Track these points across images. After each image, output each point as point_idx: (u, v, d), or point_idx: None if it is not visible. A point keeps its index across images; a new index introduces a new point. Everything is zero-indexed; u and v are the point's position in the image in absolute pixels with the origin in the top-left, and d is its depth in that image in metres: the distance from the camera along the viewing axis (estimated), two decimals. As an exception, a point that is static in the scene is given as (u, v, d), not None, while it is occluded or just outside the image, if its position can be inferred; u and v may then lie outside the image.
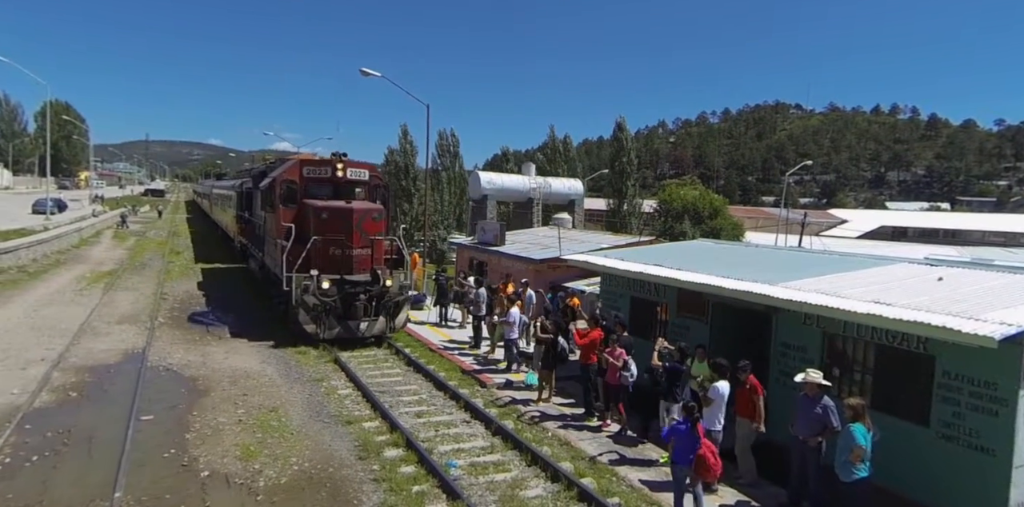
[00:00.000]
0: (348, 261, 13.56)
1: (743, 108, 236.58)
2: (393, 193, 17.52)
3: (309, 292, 12.92)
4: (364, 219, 13.87)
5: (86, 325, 14.75)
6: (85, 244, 31.79)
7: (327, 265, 13.34)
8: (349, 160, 15.03)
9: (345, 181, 14.81)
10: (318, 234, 13.39)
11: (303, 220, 13.79)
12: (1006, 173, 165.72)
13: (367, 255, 13.96)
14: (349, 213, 13.67)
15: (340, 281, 13.31)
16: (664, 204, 46.45)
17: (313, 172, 14.60)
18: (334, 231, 13.49)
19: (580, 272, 23.83)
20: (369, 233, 13.99)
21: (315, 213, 13.61)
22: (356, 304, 13.36)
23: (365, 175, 15.26)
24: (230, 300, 19.10)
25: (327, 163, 14.83)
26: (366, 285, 13.57)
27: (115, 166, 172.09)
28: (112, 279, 21.38)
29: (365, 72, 25.07)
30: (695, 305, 11.25)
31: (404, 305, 14.44)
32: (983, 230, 60.97)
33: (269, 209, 15.04)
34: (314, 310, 13.05)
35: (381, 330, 13.93)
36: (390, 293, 13.75)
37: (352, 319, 13.45)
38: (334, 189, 14.70)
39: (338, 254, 13.55)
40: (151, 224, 49.43)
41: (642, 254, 13.57)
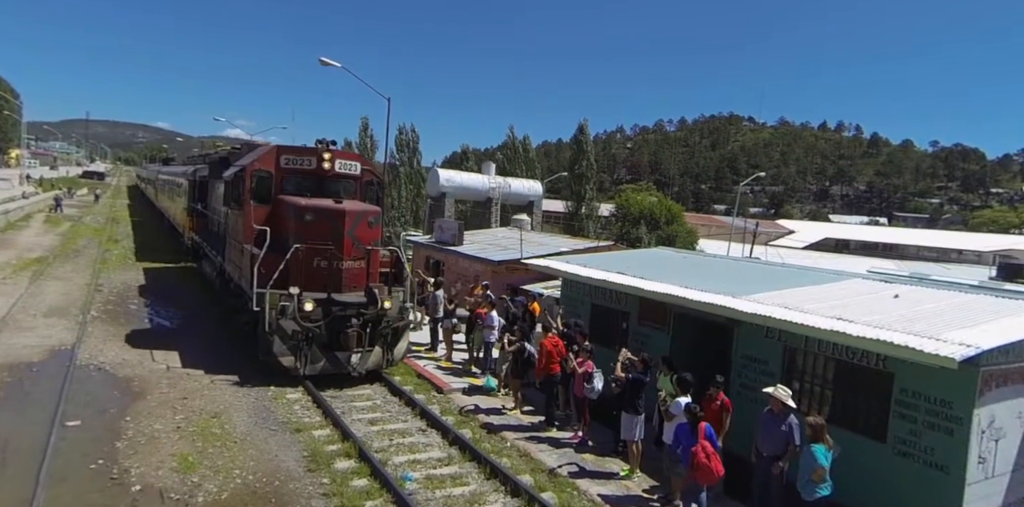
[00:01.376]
0: (337, 276, 11.00)
1: (699, 118, 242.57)
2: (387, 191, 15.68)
3: (287, 315, 10.31)
4: (358, 223, 11.31)
5: (8, 317, 13.64)
6: (12, 228, 29.72)
7: (310, 280, 10.77)
8: (338, 150, 12.71)
9: (332, 175, 12.33)
10: (299, 240, 10.83)
11: (279, 222, 11.34)
12: (938, 192, 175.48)
13: (360, 269, 11.39)
14: (340, 215, 11.08)
15: (327, 301, 10.72)
16: (622, 209, 47.00)
17: (293, 162, 12.07)
18: (320, 237, 10.91)
19: (538, 275, 23.62)
20: (364, 241, 11.43)
21: (296, 213, 11.09)
22: (347, 331, 10.68)
23: (356, 168, 12.78)
24: (173, 293, 18.09)
25: (310, 152, 12.30)
26: (359, 307, 10.93)
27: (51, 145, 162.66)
28: (41, 267, 19.97)
29: (324, 62, 24.27)
30: (657, 314, 11.19)
31: (404, 332, 11.75)
32: (918, 245, 64.20)
33: (235, 205, 12.56)
34: (293, 338, 10.39)
35: (376, 364, 11.25)
36: (388, 317, 11.14)
37: (341, 350, 10.80)
38: (317, 184, 12.23)
39: (325, 267, 10.97)
40: (88, 209, 46.72)
41: (604, 261, 13.46)
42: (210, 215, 19.10)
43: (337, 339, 10.77)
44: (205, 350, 12.54)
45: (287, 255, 10.67)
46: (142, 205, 52.72)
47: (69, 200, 50.06)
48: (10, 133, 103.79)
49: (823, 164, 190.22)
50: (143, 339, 13.10)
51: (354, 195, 12.68)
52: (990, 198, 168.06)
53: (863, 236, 71.54)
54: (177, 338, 13.35)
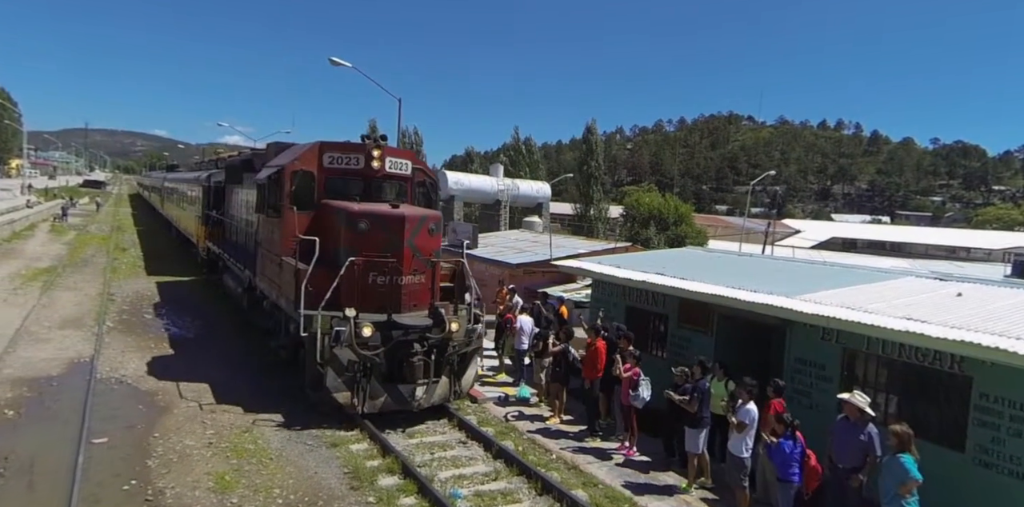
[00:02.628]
0: (396, 294, 9.55)
1: (698, 117, 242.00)
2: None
3: (342, 342, 8.79)
4: (419, 231, 9.87)
5: (23, 330, 13.23)
6: (18, 238, 29.34)
7: (365, 299, 9.25)
8: (389, 146, 11.20)
9: (383, 175, 10.97)
10: (353, 252, 9.36)
11: (323, 230, 9.88)
12: (940, 190, 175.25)
13: (420, 284, 9.97)
14: (399, 222, 9.62)
15: (386, 324, 9.23)
16: (630, 210, 46.62)
17: (338, 161, 10.64)
18: (376, 248, 9.49)
19: (556, 277, 23.30)
20: (424, 252, 10.00)
21: (348, 221, 9.64)
22: (412, 360, 9.07)
23: (407, 167, 11.29)
24: (186, 300, 17.70)
25: (358, 149, 10.77)
26: (424, 331, 9.43)
27: (50, 155, 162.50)
28: (51, 277, 19.57)
29: (335, 62, 23.88)
30: (698, 316, 10.79)
31: (473, 359, 10.19)
32: (926, 243, 63.78)
33: (271, 212, 10.98)
34: (349, 370, 8.91)
35: (443, 397, 9.69)
36: (455, 341, 9.63)
37: (404, 382, 9.18)
38: (365, 186, 10.82)
39: (382, 283, 9.51)
40: (91, 218, 46.38)
41: (637, 261, 13.08)
42: (228, 222, 18.57)
43: (399, 369, 9.18)
44: (226, 360, 12.12)
45: (339, 270, 9.15)
46: (146, 213, 52.36)
47: (72, 209, 49.73)
48: (10, 143, 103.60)
49: (824, 163, 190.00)
50: (162, 350, 12.69)
51: (405, 197, 11.29)
52: (992, 195, 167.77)
53: (870, 235, 71.13)
54: (196, 347, 12.95)
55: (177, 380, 10.70)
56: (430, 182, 12.08)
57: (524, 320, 11.86)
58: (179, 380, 10.70)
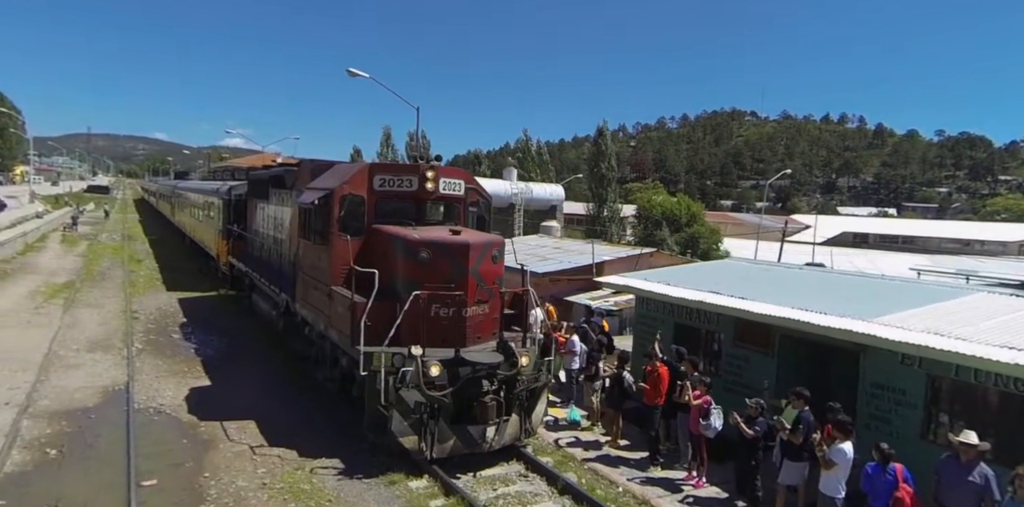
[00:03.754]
0: (460, 327, 8.92)
1: (701, 114, 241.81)
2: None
3: (408, 383, 8.29)
4: (483, 259, 9.29)
5: (51, 354, 12.86)
6: (31, 250, 29.00)
7: (428, 334, 8.71)
8: (442, 166, 10.72)
9: (436, 197, 10.51)
10: (413, 284, 8.82)
11: (377, 259, 9.44)
12: (946, 181, 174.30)
13: (484, 315, 9.39)
14: (463, 251, 9.04)
15: (454, 362, 8.68)
16: (643, 211, 46.15)
17: (389, 183, 10.09)
18: (439, 279, 8.89)
19: (581, 285, 22.91)
20: (488, 281, 9.40)
21: (407, 250, 9.12)
22: (484, 401, 8.50)
23: (460, 187, 10.77)
24: (212, 318, 17.32)
25: (410, 170, 10.23)
26: (493, 368, 8.79)
27: (53, 160, 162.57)
28: (71, 293, 19.21)
29: (352, 72, 23.54)
30: (757, 335, 10.35)
31: (542, 394, 9.55)
32: (939, 237, 63.18)
33: (318, 239, 10.37)
34: (416, 412, 8.32)
35: (514, 436, 9.02)
36: (523, 376, 9.01)
37: (474, 423, 8.60)
38: (417, 209, 10.29)
39: (445, 316, 8.89)
40: (100, 225, 46.03)
41: (683, 277, 12.64)
42: (253, 239, 18.18)
43: (467, 409, 8.57)
44: (262, 383, 11.74)
45: (398, 303, 8.61)
46: (154, 221, 52.02)
47: (81, 217, 49.43)
48: (14, 150, 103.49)
49: (828, 156, 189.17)
50: (196, 374, 12.32)
51: (458, 220, 10.83)
52: (999, 186, 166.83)
53: (881, 229, 70.55)
54: (229, 370, 12.57)
55: (217, 410, 10.30)
56: (483, 202, 11.49)
57: (575, 340, 11.47)
58: (219, 410, 10.31)
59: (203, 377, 12.12)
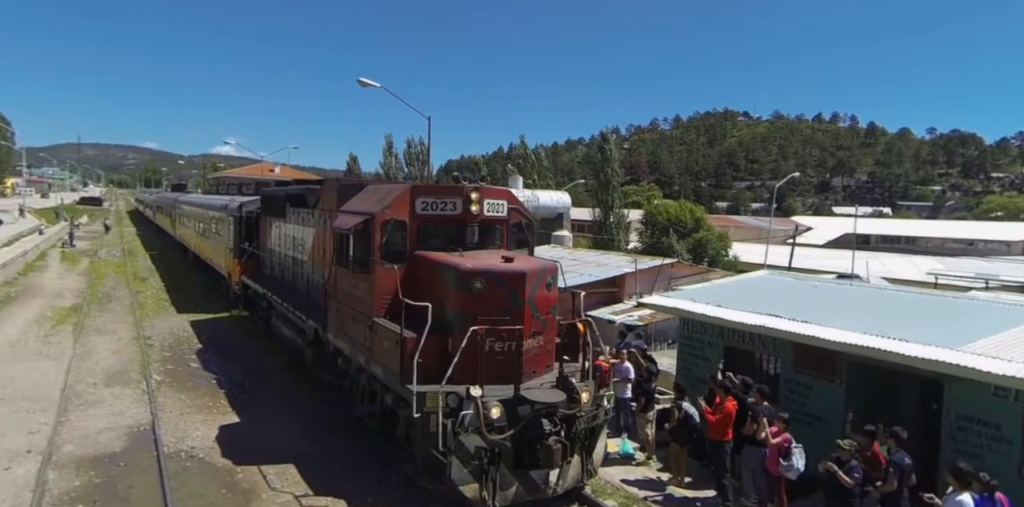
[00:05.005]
0: (516, 362, 8.26)
1: (694, 115, 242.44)
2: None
3: (467, 427, 7.72)
4: (537, 288, 8.74)
5: (68, 390, 12.21)
6: (32, 270, 28.22)
7: (487, 371, 8.10)
8: (487, 186, 10.21)
9: (481, 219, 9.96)
10: (466, 317, 8.28)
11: (422, 288, 8.91)
12: (940, 179, 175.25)
13: (539, 347, 8.87)
14: (519, 281, 8.47)
15: (513, 401, 8.07)
16: (650, 217, 45.75)
17: (432, 207, 9.55)
18: (494, 311, 8.30)
19: (600, 298, 22.40)
20: (543, 311, 8.91)
21: (459, 281, 8.48)
22: (548, 444, 7.80)
23: (504, 208, 10.24)
24: (229, 344, 16.70)
25: (454, 193, 9.63)
26: (553, 407, 8.12)
27: (43, 171, 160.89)
28: (79, 318, 18.52)
29: (363, 82, 23.01)
30: (820, 361, 9.83)
31: (602, 431, 8.97)
32: (942, 237, 63.12)
33: (357, 267, 9.73)
34: (476, 458, 7.70)
35: (576, 478, 8.47)
36: (583, 413, 8.41)
37: (536, 466, 7.99)
38: (459, 232, 9.75)
39: (500, 350, 8.27)
40: (99, 240, 45.18)
41: (730, 296, 12.12)
42: (269, 259, 17.58)
43: (529, 452, 7.91)
44: (293, 418, 11.15)
45: (449, 337, 8.21)
46: (152, 233, 51.24)
47: (77, 231, 48.53)
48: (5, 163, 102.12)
49: (822, 156, 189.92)
50: (221, 409, 11.71)
51: (501, 242, 10.32)
52: (992, 183, 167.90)
53: (883, 230, 70.49)
54: (256, 403, 11.97)
55: (252, 452, 9.70)
56: (526, 223, 10.94)
57: (628, 366, 10.95)
58: (255, 452, 9.71)
59: (230, 413, 11.51)
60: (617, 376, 10.77)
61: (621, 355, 11.26)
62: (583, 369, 9.15)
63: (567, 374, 8.63)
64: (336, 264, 10.62)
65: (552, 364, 9.26)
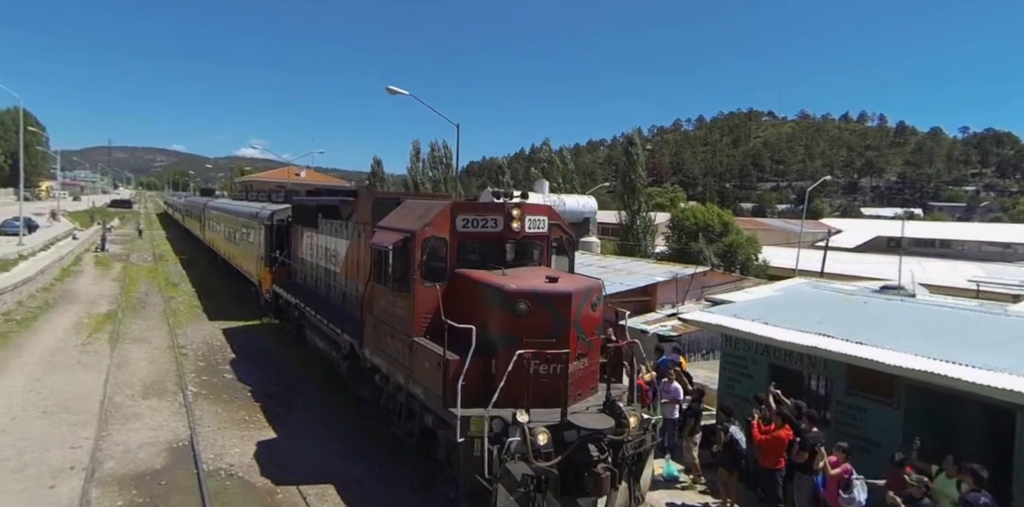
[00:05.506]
0: (562, 385, 8.01)
1: (717, 115, 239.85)
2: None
3: (512, 454, 7.45)
4: (583, 308, 8.49)
5: (107, 402, 12.28)
6: (68, 275, 28.73)
7: (533, 395, 7.80)
8: (528, 203, 9.92)
9: (522, 236, 9.76)
10: (509, 339, 8.11)
11: (462, 307, 8.75)
12: (972, 179, 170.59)
13: (584, 369, 8.62)
14: (564, 302, 8.23)
15: (560, 426, 7.82)
16: (677, 221, 45.13)
17: (472, 224, 9.40)
18: (538, 333, 8.07)
19: (632, 307, 22.00)
20: (588, 332, 8.62)
21: (504, 302, 8.26)
22: (596, 472, 7.45)
23: (544, 224, 10.06)
24: (261, 353, 16.74)
25: (495, 210, 9.46)
26: (600, 433, 7.80)
27: (76, 174, 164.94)
28: (114, 326, 18.73)
29: (392, 90, 23.01)
30: (876, 383, 9.41)
31: (649, 456, 8.58)
32: (978, 240, 61.31)
33: (396, 285, 9.59)
34: (522, 485, 7.38)
35: (623, 506, 8.18)
36: (632, 438, 8.10)
37: (583, 494, 7.66)
38: (499, 250, 9.62)
39: (546, 373, 8.00)
40: (130, 244, 45.99)
41: (774, 311, 11.73)
42: (300, 269, 17.61)
43: (575, 479, 7.61)
44: (331, 435, 11.05)
45: (497, 361, 8.02)
46: (181, 237, 52.02)
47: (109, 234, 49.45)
48: (40, 166, 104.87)
49: (850, 156, 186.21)
50: (257, 423, 11.66)
51: (541, 259, 10.17)
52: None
53: (916, 233, 68.62)
54: (291, 417, 11.91)
55: (291, 471, 9.61)
56: (566, 239, 10.74)
57: (676, 388, 10.64)
58: (293, 471, 9.61)
59: (267, 428, 11.45)
60: (665, 397, 10.47)
61: (670, 374, 10.93)
62: (629, 391, 8.90)
63: (614, 398, 8.38)
64: (374, 281, 10.49)
65: (597, 386, 9.07)
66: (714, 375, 17.52)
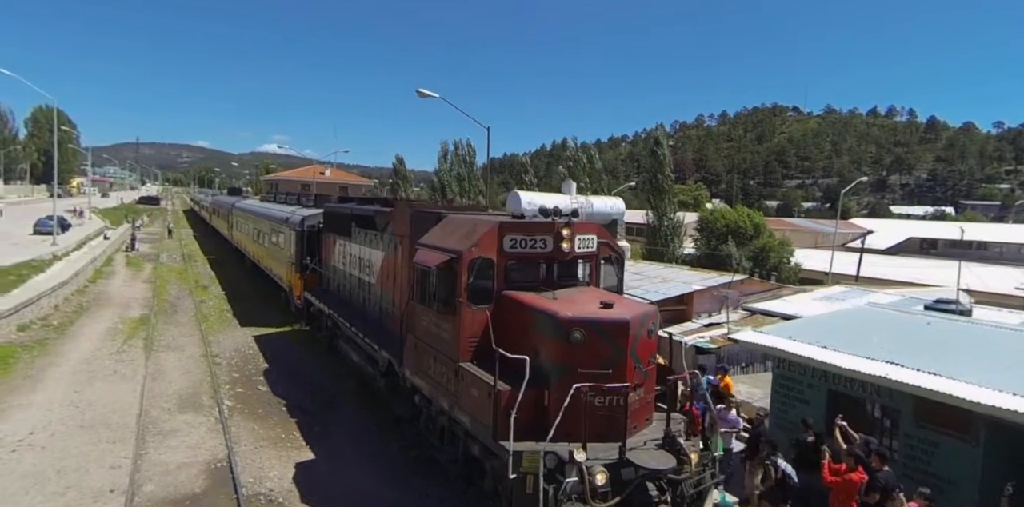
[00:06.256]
0: (619, 419, 7.58)
1: (741, 111, 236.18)
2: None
3: (569, 494, 7.13)
4: (640, 336, 8.03)
5: (144, 416, 12.18)
6: (100, 276, 29.00)
7: (589, 429, 7.38)
8: (578, 222, 9.49)
9: (573, 257, 9.40)
10: (563, 369, 7.73)
11: (514, 335, 8.34)
12: (1007, 176, 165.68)
13: (640, 400, 8.21)
14: (622, 331, 7.80)
15: (619, 464, 7.49)
16: (707, 223, 44.33)
17: (520, 244, 8.99)
18: (594, 364, 7.67)
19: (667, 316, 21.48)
20: (644, 361, 8.20)
21: (557, 330, 7.84)
22: None
23: (593, 243, 9.70)
24: (292, 359, 16.69)
25: (544, 229, 9.06)
26: (659, 473, 7.53)
27: (105, 171, 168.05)
28: (148, 331, 18.74)
29: (422, 93, 22.71)
30: (949, 416, 8.85)
31: (708, 495, 8.22)
32: (1017, 242, 59.33)
33: (441, 307, 9.15)
34: None
35: None
36: (692, 476, 7.82)
37: None
38: (548, 270, 9.27)
39: (602, 405, 7.60)
40: (159, 244, 46.48)
41: (829, 332, 11.16)
42: (327, 275, 17.44)
43: None
44: (370, 456, 10.81)
45: (551, 391, 7.65)
46: (209, 237, 52.49)
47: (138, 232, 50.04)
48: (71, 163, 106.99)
49: (879, 153, 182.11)
50: (295, 443, 11.45)
51: (590, 279, 9.82)
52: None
53: (951, 234, 66.64)
54: (331, 436, 11.68)
55: (331, 497, 9.39)
56: (616, 257, 10.35)
57: (735, 418, 10.18)
58: (334, 497, 9.39)
59: (304, 448, 11.23)
60: (724, 426, 9.97)
61: (730, 404, 10.43)
62: (689, 425, 8.48)
63: (674, 434, 7.97)
64: (417, 301, 10.14)
65: (651, 416, 8.67)
66: (755, 390, 17.03)
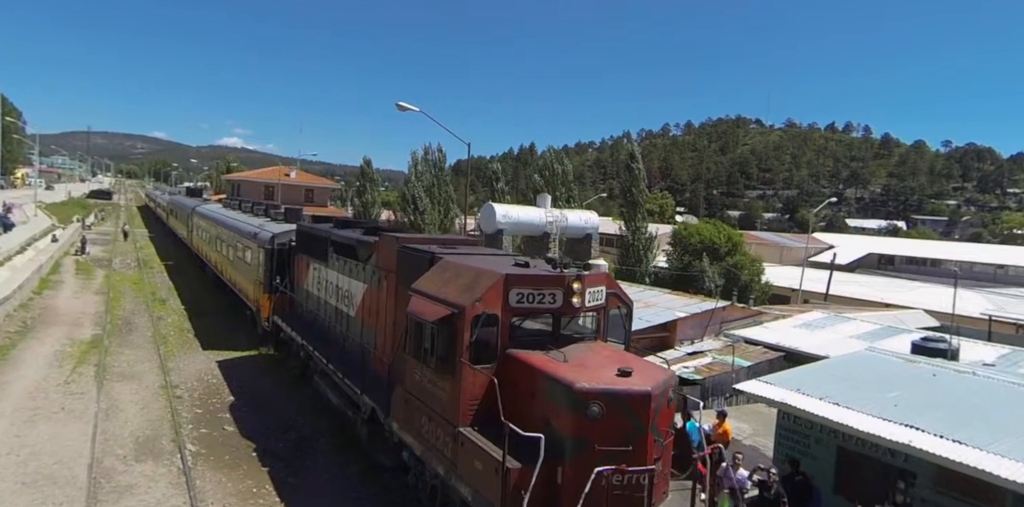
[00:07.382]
0: (639, 500, 7.07)
1: (706, 121, 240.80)
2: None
3: None
4: (660, 408, 7.58)
5: (96, 466, 10.95)
6: (47, 286, 26.98)
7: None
8: (588, 274, 8.82)
9: (582, 310, 8.83)
10: (578, 444, 7.18)
11: (520, 400, 7.78)
12: (954, 193, 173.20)
13: (660, 475, 7.68)
14: (643, 404, 7.29)
15: None
16: (680, 239, 44.38)
17: (528, 299, 8.34)
18: (612, 440, 7.13)
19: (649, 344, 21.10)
20: (664, 434, 7.80)
21: (570, 401, 7.25)
22: None
23: (602, 295, 9.11)
24: (260, 390, 15.66)
25: (553, 283, 8.43)
26: None
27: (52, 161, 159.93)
28: (100, 356, 17.27)
29: (402, 106, 21.87)
30: (972, 484, 8.55)
31: None
32: (971, 261, 61.58)
33: (439, 364, 8.44)
34: None
35: None
36: None
37: None
38: (555, 325, 8.80)
39: (620, 484, 6.99)
40: (112, 246, 43.90)
41: (834, 384, 10.81)
42: (299, 300, 16.43)
43: None
44: None
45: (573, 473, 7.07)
46: (165, 238, 50.07)
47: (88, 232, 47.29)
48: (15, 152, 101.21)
49: (836, 167, 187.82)
50: (267, 496, 10.49)
51: (598, 333, 9.27)
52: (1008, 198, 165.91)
53: (908, 251, 68.91)
54: (306, 484, 10.74)
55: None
56: (625, 310, 9.79)
57: (743, 478, 9.67)
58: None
59: (278, 504, 10.25)
60: (728, 484, 9.49)
61: (738, 460, 9.92)
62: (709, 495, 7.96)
63: None
64: (410, 355, 9.30)
65: (668, 489, 8.10)
66: (743, 425, 16.70)
